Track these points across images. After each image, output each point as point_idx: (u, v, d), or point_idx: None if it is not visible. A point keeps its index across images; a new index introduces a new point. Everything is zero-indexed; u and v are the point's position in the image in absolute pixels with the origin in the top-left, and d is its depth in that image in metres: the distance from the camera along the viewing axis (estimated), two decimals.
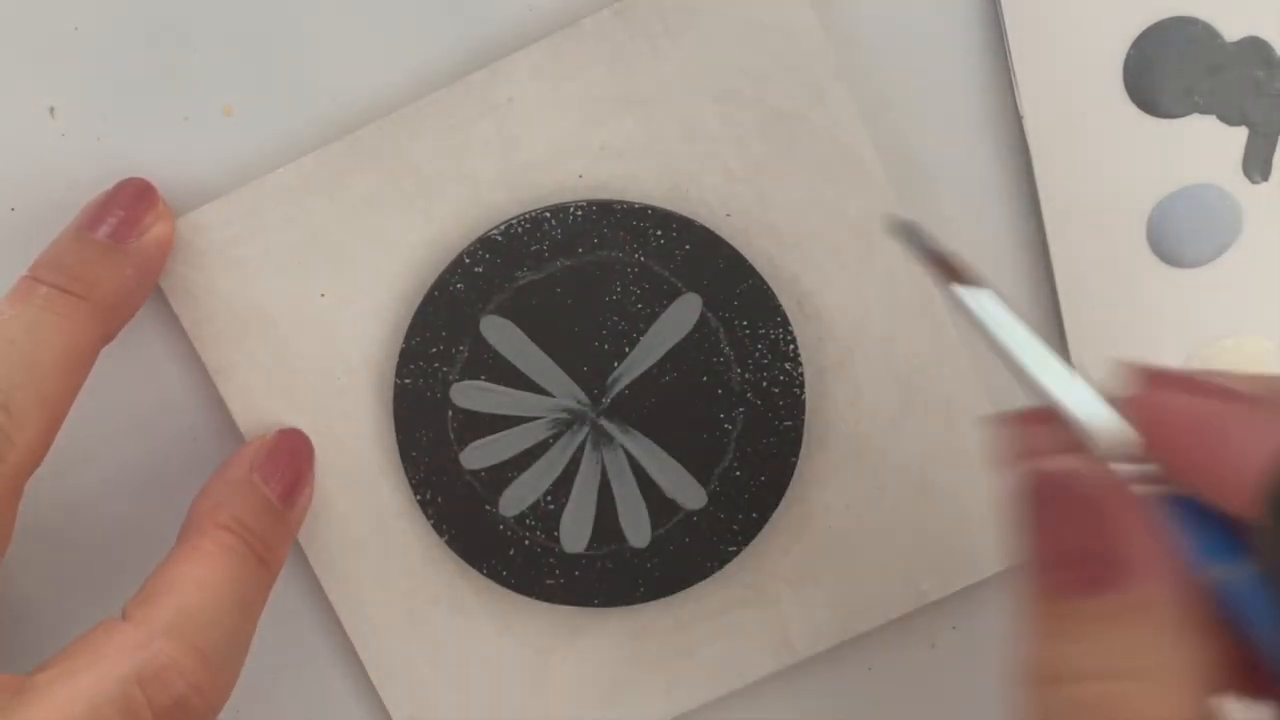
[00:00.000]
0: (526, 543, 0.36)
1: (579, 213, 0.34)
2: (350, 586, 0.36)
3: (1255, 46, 0.36)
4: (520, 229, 0.34)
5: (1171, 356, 0.37)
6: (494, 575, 0.36)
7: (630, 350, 0.35)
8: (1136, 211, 0.36)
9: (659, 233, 0.34)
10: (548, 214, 0.34)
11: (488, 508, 0.35)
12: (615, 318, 0.35)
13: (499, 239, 0.34)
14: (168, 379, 0.35)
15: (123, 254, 0.32)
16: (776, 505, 0.36)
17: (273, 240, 0.34)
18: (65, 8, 0.33)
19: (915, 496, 0.36)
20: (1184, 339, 0.37)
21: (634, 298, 0.35)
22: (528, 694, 0.37)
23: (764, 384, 0.35)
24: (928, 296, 0.36)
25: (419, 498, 0.35)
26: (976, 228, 0.36)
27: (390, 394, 0.35)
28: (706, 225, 0.35)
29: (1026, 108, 0.35)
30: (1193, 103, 0.36)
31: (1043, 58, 0.35)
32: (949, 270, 0.25)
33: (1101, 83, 0.36)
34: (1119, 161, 0.36)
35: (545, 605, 0.36)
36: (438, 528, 0.35)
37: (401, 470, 0.35)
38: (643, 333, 0.35)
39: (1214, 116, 0.36)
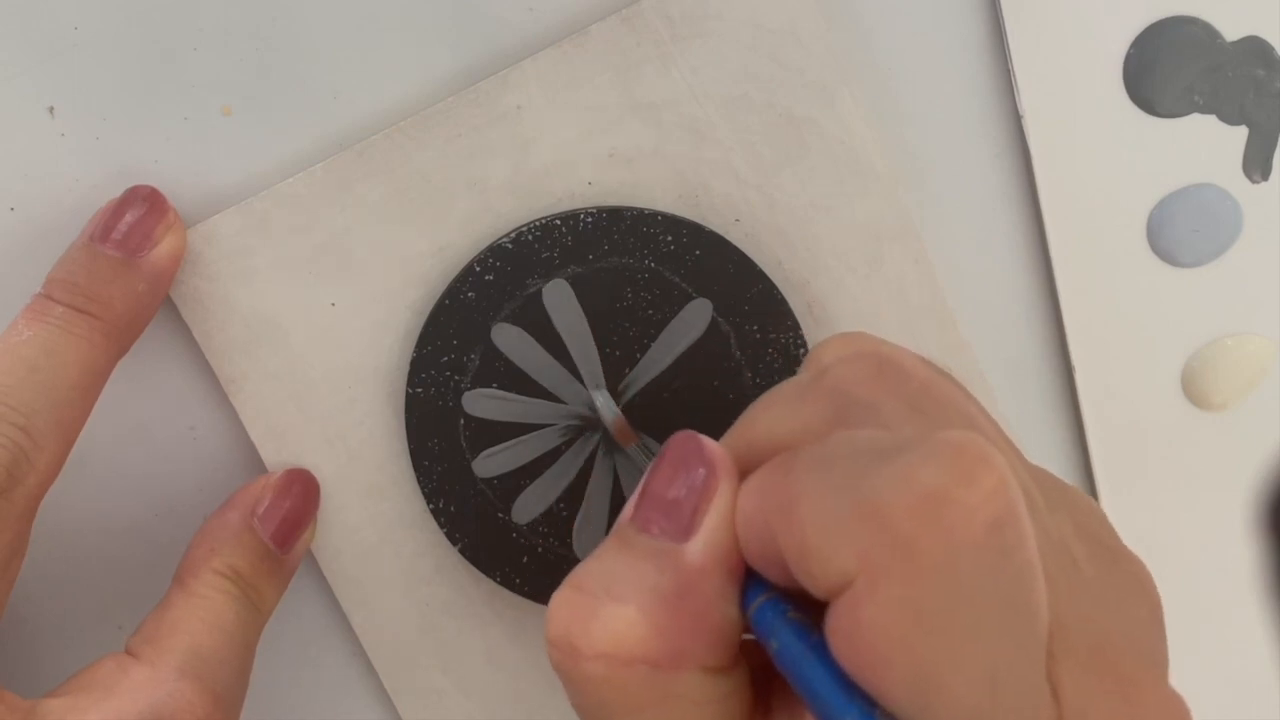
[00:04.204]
0: (540, 550, 0.36)
1: (589, 220, 0.34)
2: (363, 595, 0.36)
3: (1255, 46, 0.36)
4: (531, 236, 0.34)
5: (1171, 356, 0.37)
6: (507, 583, 0.36)
7: (641, 356, 0.35)
8: (1136, 211, 0.37)
9: (669, 238, 0.34)
10: (558, 221, 0.34)
11: (500, 515, 0.35)
12: (626, 324, 0.35)
13: (509, 247, 0.34)
14: (178, 389, 0.35)
15: (135, 269, 0.32)
16: None
17: (283, 250, 0.34)
18: (65, 8, 0.33)
19: None
20: (1184, 338, 0.37)
21: (645, 303, 0.35)
22: (543, 700, 0.37)
23: None
24: (936, 299, 0.36)
25: (431, 506, 0.35)
26: (976, 228, 0.37)
27: (402, 403, 0.35)
28: (716, 230, 0.35)
29: (1026, 108, 0.36)
30: (1193, 102, 0.36)
31: (1043, 58, 0.35)
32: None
33: (1101, 82, 0.36)
34: (1119, 161, 0.36)
35: None
36: (450, 536, 0.35)
37: (414, 479, 0.35)
38: (654, 338, 0.35)
39: (1214, 116, 0.36)
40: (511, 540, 0.36)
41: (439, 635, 0.36)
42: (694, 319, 0.35)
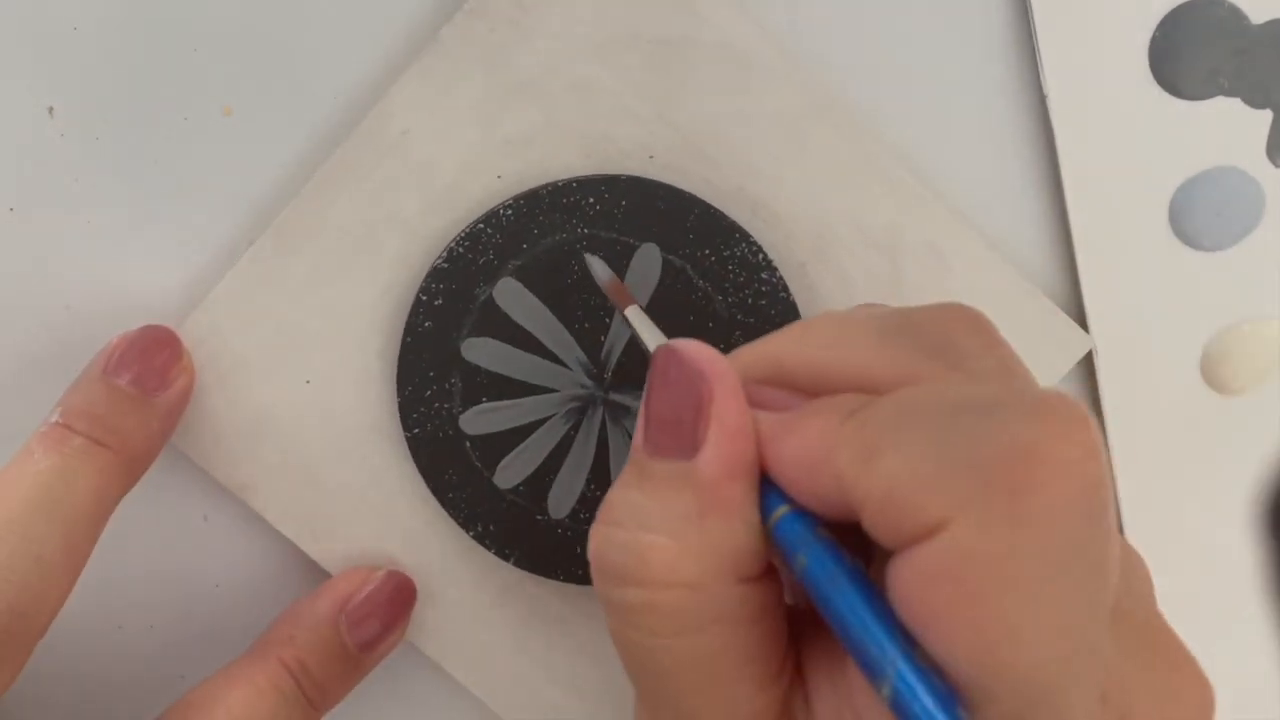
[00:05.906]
0: (587, 535, 0.36)
1: (508, 212, 0.34)
2: (447, 639, 0.36)
3: None
4: (461, 249, 0.34)
5: (1191, 340, 0.37)
6: (570, 578, 0.36)
7: (611, 320, 0.35)
8: (1159, 194, 0.36)
9: (592, 200, 0.34)
10: (480, 224, 0.34)
11: (538, 517, 0.36)
12: (585, 295, 0.35)
13: (445, 266, 0.34)
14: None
15: (150, 406, 0.32)
16: None
17: (241, 348, 0.34)
18: (65, 8, 0.33)
19: None
20: (1204, 322, 0.37)
21: None
22: None
23: (749, 301, 0.35)
24: (874, 158, 0.35)
25: (472, 533, 0.35)
26: (1000, 209, 0.36)
27: (406, 448, 0.35)
28: (634, 174, 0.34)
29: (1051, 89, 0.35)
30: (1218, 85, 0.36)
31: (1068, 39, 0.35)
32: (618, 296, 0.32)
33: (1126, 64, 0.36)
34: (1143, 143, 0.36)
35: None
36: (501, 554, 0.36)
37: (445, 515, 0.35)
38: None
39: (1239, 99, 0.36)
40: (558, 536, 0.36)
41: (532, 650, 0.37)
42: (646, 266, 0.35)
